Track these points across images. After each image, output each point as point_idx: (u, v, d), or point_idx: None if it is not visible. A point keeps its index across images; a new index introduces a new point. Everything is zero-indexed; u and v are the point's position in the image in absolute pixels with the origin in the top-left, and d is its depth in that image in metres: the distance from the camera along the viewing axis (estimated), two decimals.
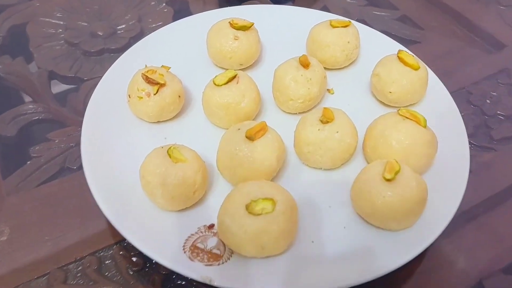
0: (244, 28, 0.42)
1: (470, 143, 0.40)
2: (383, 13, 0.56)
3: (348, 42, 0.43)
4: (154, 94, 0.37)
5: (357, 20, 0.54)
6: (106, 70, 0.42)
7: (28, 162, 0.40)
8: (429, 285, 0.33)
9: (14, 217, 0.36)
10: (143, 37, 0.47)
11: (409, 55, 0.40)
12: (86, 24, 0.53)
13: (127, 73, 0.40)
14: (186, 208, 0.34)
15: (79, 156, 0.36)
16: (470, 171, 0.35)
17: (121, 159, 0.37)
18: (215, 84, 0.38)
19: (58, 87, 0.47)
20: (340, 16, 0.48)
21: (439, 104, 0.41)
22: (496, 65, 0.50)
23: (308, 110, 0.41)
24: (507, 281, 0.34)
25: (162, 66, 0.40)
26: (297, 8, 0.51)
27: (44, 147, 0.41)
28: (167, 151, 0.33)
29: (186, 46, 0.46)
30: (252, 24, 0.43)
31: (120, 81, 0.40)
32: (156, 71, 0.38)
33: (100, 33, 0.52)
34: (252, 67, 0.45)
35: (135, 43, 0.46)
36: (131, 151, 0.37)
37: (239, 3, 0.56)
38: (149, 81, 0.38)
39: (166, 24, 0.49)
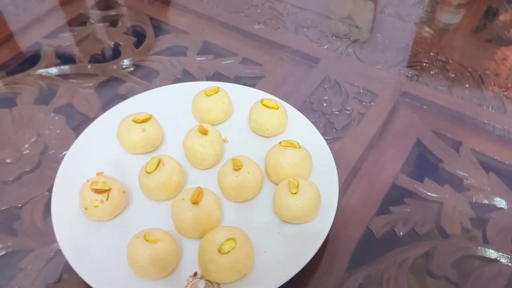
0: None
1: (325, 139, 0.57)
2: (229, 61, 0.72)
3: (224, 102, 0.57)
4: (107, 199, 0.48)
5: (213, 74, 0.70)
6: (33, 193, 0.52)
7: None
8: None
9: None
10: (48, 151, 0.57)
11: (269, 100, 0.56)
12: None
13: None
14: (173, 270, 0.46)
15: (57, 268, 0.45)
16: (334, 159, 0.54)
17: (102, 254, 0.46)
18: (147, 172, 0.50)
19: None
20: (210, 83, 0.62)
21: (298, 125, 0.58)
22: (319, 75, 0.69)
23: (218, 162, 0.55)
24: (381, 220, 0.53)
25: (97, 173, 0.50)
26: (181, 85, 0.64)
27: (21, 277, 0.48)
28: (144, 238, 0.44)
29: None
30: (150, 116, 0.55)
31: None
32: (97, 181, 0.48)
33: (9, 160, 0.59)
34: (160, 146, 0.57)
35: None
36: (108, 245, 0.47)
37: None
38: (98, 191, 0.48)
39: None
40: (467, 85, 0.68)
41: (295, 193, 0.47)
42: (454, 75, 0.70)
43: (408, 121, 0.63)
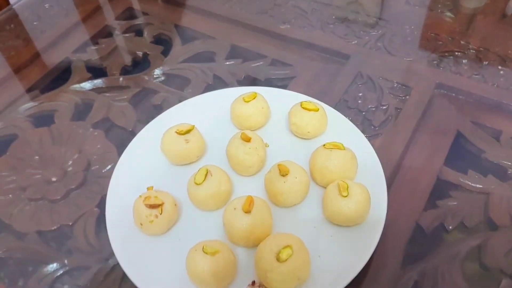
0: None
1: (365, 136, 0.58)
2: (258, 64, 0.72)
3: (262, 107, 0.58)
4: (161, 214, 0.49)
5: (244, 77, 0.70)
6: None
7: None
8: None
9: None
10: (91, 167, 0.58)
11: (309, 102, 0.56)
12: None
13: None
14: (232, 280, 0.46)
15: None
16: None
17: (159, 267, 0.48)
18: (196, 184, 0.50)
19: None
20: (246, 89, 0.63)
21: (338, 125, 0.58)
22: (351, 71, 0.69)
23: (262, 168, 0.55)
24: (430, 215, 0.53)
25: (147, 188, 0.51)
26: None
27: None
28: (202, 250, 0.45)
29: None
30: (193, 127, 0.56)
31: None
32: (150, 196, 0.49)
33: (54, 179, 0.60)
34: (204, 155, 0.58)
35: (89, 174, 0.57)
36: (164, 258, 0.48)
37: None
38: (152, 206, 0.48)
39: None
40: (501, 72, 0.67)
41: (346, 196, 0.47)
42: (487, 63, 0.69)
43: (446, 113, 0.63)
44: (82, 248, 0.53)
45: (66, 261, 0.52)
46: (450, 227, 0.52)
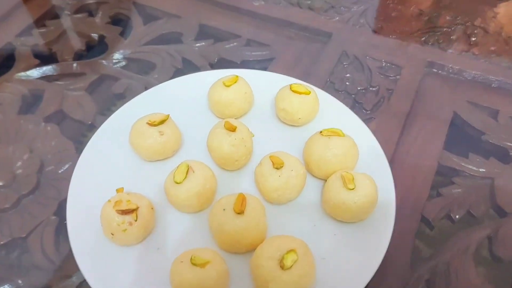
0: None
1: None
2: (232, 45, 0.65)
3: (245, 92, 0.51)
4: (136, 221, 0.41)
5: (217, 60, 0.63)
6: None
7: None
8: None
9: None
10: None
11: (299, 85, 0.50)
12: None
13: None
14: None
15: None
16: None
17: (137, 284, 0.40)
18: (176, 182, 0.43)
19: None
20: (222, 72, 0.55)
21: (330, 109, 0.52)
22: (335, 51, 0.63)
23: (249, 161, 0.48)
24: (434, 205, 0.48)
25: (117, 190, 0.43)
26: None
27: None
28: (190, 261, 0.38)
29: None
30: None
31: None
32: (121, 200, 0.41)
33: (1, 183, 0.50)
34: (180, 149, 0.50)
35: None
36: (142, 272, 0.41)
37: None
38: (124, 212, 0.41)
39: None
40: (492, 48, 0.64)
41: (352, 189, 0.41)
42: (475, 39, 0.65)
43: (440, 93, 0.58)
44: (40, 265, 0.45)
45: (20, 282, 0.44)
46: (457, 217, 0.48)
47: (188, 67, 0.63)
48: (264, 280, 0.37)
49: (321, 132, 0.46)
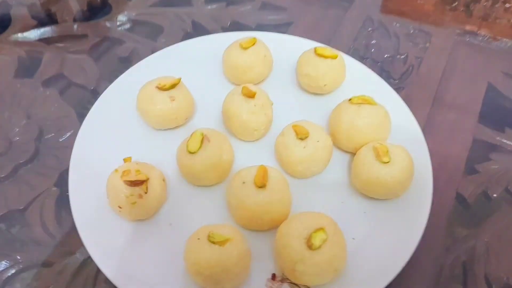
0: None
1: None
2: (246, 8, 0.60)
3: (265, 56, 0.46)
4: (146, 193, 0.37)
5: (230, 24, 0.58)
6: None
7: None
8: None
9: None
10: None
11: (324, 48, 0.45)
12: None
13: None
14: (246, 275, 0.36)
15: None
16: None
17: (148, 263, 0.36)
18: (190, 152, 0.39)
19: None
20: (238, 34, 0.51)
21: (357, 75, 0.48)
22: (358, 16, 0.58)
23: (268, 131, 0.44)
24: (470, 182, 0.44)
25: (124, 160, 0.39)
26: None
27: None
28: (208, 239, 0.34)
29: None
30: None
31: None
32: (129, 170, 0.37)
33: None
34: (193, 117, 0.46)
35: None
36: (153, 251, 0.37)
37: None
38: (133, 184, 0.36)
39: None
40: None
41: (387, 162, 0.37)
42: (509, 5, 0.60)
43: (474, 62, 0.54)
44: (40, 240, 0.41)
45: (18, 257, 0.40)
46: (495, 195, 0.44)
47: (198, 31, 0.58)
48: (290, 261, 0.34)
49: (350, 99, 0.41)
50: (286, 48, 0.49)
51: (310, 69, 0.45)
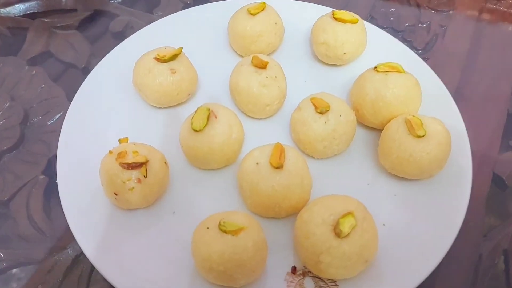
0: None
1: None
2: None
3: (276, 23, 0.41)
4: (145, 177, 0.32)
5: None
6: None
7: None
8: None
9: None
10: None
11: (343, 12, 0.40)
12: None
13: None
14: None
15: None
16: None
17: (150, 258, 0.31)
18: (195, 130, 0.34)
19: None
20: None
21: (379, 43, 0.43)
22: None
23: (281, 107, 0.39)
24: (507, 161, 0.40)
25: (120, 140, 0.34)
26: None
27: None
28: (219, 228, 0.29)
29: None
30: None
31: None
32: (125, 151, 0.32)
33: None
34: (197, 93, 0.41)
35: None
36: (156, 243, 0.32)
37: None
38: (131, 166, 0.31)
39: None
40: None
41: (422, 136, 0.32)
42: None
43: (503, 31, 0.49)
44: (26, 235, 0.36)
45: (1, 255, 0.35)
46: None
47: (199, 2, 0.53)
48: (314, 252, 0.29)
49: (375, 67, 0.36)
50: (298, 16, 0.44)
51: (328, 36, 0.40)
